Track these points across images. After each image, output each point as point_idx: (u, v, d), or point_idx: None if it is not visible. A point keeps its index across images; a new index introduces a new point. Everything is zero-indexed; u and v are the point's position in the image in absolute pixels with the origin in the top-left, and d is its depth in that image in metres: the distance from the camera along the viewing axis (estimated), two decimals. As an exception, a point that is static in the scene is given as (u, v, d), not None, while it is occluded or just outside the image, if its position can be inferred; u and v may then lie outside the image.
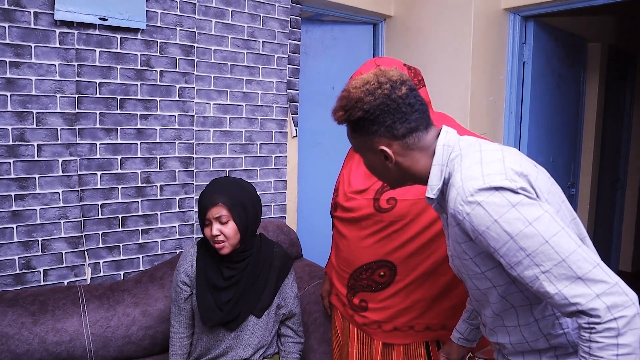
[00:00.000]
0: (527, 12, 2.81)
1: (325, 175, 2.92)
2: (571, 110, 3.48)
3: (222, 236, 1.68)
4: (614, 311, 0.83)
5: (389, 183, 1.17)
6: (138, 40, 2.19)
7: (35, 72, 1.98)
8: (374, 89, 1.03)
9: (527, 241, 0.88)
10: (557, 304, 0.88)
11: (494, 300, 1.06)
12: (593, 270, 0.85)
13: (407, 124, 1.03)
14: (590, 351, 0.85)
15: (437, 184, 1.05)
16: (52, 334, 1.88)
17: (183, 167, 2.37)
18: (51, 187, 2.06)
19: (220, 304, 1.74)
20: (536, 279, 0.89)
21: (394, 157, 1.06)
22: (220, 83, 2.46)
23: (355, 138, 1.10)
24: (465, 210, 0.93)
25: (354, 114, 1.04)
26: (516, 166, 0.95)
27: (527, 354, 1.09)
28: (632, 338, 0.83)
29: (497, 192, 0.90)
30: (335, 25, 3.12)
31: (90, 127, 2.12)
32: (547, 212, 0.90)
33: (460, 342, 1.43)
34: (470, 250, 1.01)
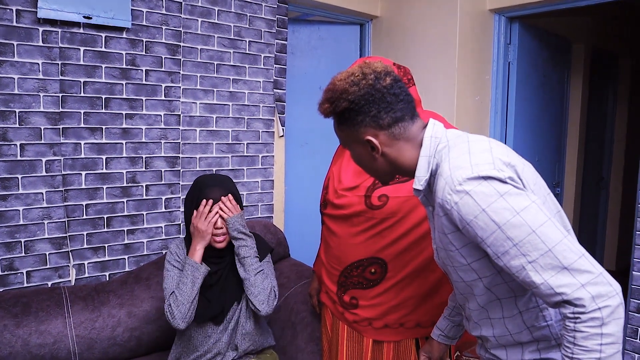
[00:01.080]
0: (512, 13, 2.84)
1: (313, 175, 2.92)
2: (556, 111, 3.52)
3: (225, 228, 1.74)
4: (598, 301, 0.84)
5: (377, 176, 1.17)
6: (123, 39, 2.17)
7: (18, 71, 1.95)
8: (359, 80, 1.03)
9: (515, 231, 0.89)
10: (542, 294, 0.89)
11: (479, 292, 1.07)
12: (578, 261, 0.86)
13: (392, 113, 1.04)
14: (574, 341, 0.86)
15: (424, 175, 1.05)
16: (35, 336, 1.85)
17: (169, 167, 2.36)
18: (34, 187, 2.03)
19: (210, 298, 1.76)
20: (522, 268, 0.89)
21: (380, 147, 1.06)
22: (207, 82, 2.45)
23: (342, 130, 1.11)
24: (453, 199, 0.93)
25: (340, 105, 1.04)
26: (504, 156, 0.96)
27: (510, 347, 1.09)
28: (615, 328, 0.84)
29: (485, 181, 0.91)
30: (322, 26, 3.12)
31: (74, 126, 2.10)
32: (534, 202, 0.91)
33: (441, 340, 1.43)
34: (457, 241, 1.01)
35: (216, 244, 1.75)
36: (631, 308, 2.36)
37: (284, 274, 2.29)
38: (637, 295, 2.34)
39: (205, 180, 1.81)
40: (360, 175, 1.63)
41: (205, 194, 1.74)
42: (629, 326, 2.37)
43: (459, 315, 1.40)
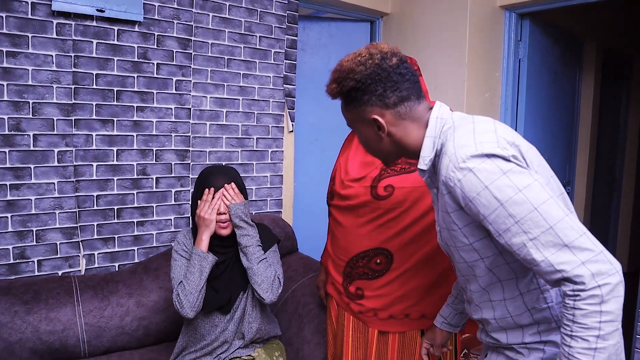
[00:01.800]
0: (522, 10, 2.83)
1: (322, 171, 2.92)
2: (567, 109, 3.49)
3: (228, 214, 1.75)
4: (598, 279, 0.84)
5: (383, 158, 1.17)
6: (135, 32, 2.20)
7: (32, 62, 1.99)
8: (365, 59, 1.05)
9: (517, 208, 0.89)
10: (543, 271, 0.89)
11: (480, 273, 1.07)
12: (579, 239, 0.87)
13: (398, 92, 1.05)
14: (574, 318, 0.87)
15: (429, 155, 1.06)
16: (45, 323, 1.88)
17: (179, 160, 2.38)
18: (46, 177, 2.06)
19: (216, 289, 1.77)
20: (523, 246, 0.90)
21: (386, 126, 1.07)
22: (217, 77, 2.47)
23: (348, 111, 1.12)
24: (456, 176, 0.94)
25: (346, 84, 1.06)
26: (508, 136, 0.97)
27: (510, 330, 1.09)
28: (615, 305, 0.85)
29: (489, 159, 0.92)
30: (332, 23, 3.14)
31: (86, 118, 2.13)
32: (537, 180, 0.91)
33: (444, 327, 1.44)
34: (460, 220, 1.01)
35: (220, 230, 1.76)
36: (642, 306, 2.33)
37: (292, 267, 2.30)
38: (647, 293, 2.32)
39: (209, 169, 1.83)
40: (367, 166, 1.63)
41: (209, 182, 1.76)
42: (639, 324, 2.34)
43: (462, 303, 1.40)
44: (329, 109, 3.10)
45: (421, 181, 1.55)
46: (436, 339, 1.45)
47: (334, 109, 3.04)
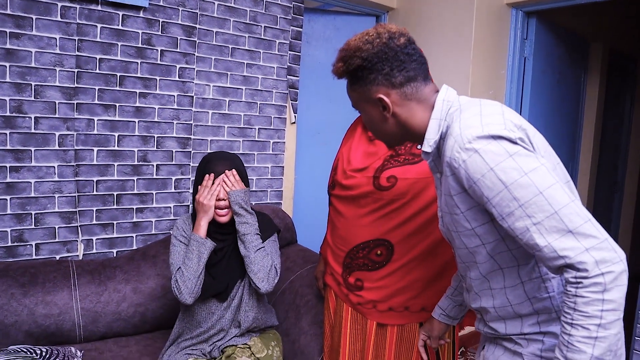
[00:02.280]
0: (529, 8, 2.81)
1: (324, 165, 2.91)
2: (571, 109, 3.48)
3: (227, 201, 1.74)
4: (602, 266, 0.83)
5: (387, 139, 1.16)
6: (140, 18, 2.19)
7: (36, 45, 1.98)
8: (372, 38, 1.04)
9: (521, 191, 0.88)
10: (545, 257, 0.88)
11: (481, 259, 1.05)
12: (584, 225, 0.85)
13: (405, 72, 1.04)
14: (575, 306, 0.85)
15: (434, 137, 1.05)
16: (41, 306, 1.87)
17: (180, 148, 2.37)
18: (47, 160, 2.05)
19: (213, 276, 1.77)
20: (527, 230, 0.88)
21: (391, 106, 1.06)
22: (221, 65, 2.46)
23: (354, 90, 1.11)
24: (461, 157, 0.93)
25: (353, 62, 1.05)
26: (515, 119, 0.96)
27: (509, 319, 1.08)
28: (617, 294, 0.83)
29: (495, 140, 0.90)
30: (337, 16, 3.12)
31: (88, 102, 2.12)
32: (543, 165, 0.90)
33: (442, 319, 1.42)
34: (462, 203, 1.00)
35: (219, 217, 1.75)
36: (641, 307, 2.32)
37: (291, 259, 2.29)
38: (647, 295, 2.30)
39: (211, 155, 1.82)
40: (370, 156, 1.62)
41: (209, 168, 1.75)
42: (638, 326, 2.33)
43: (461, 295, 1.38)
44: (332, 103, 3.09)
45: (424, 173, 1.53)
46: (433, 331, 1.44)
47: (337, 103, 3.05)
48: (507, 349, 1.10)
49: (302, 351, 1.89)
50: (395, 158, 1.56)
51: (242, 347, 1.82)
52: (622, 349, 0.99)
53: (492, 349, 1.15)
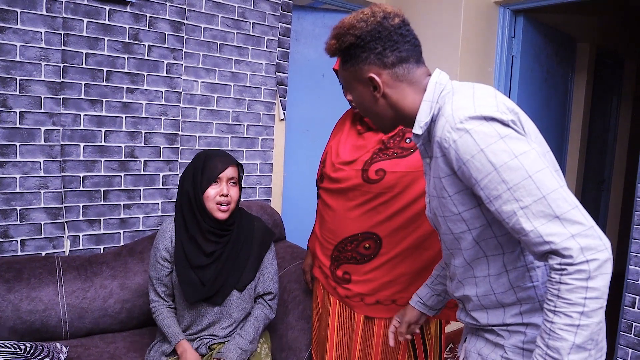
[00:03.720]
0: (516, 6, 2.83)
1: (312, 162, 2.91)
2: (558, 108, 3.51)
3: (230, 197, 1.72)
4: (587, 253, 0.82)
5: (378, 121, 1.15)
6: (127, 13, 2.18)
7: (21, 39, 1.96)
8: (367, 17, 1.03)
9: (511, 174, 0.87)
10: (530, 242, 0.87)
11: (466, 246, 1.05)
12: (571, 211, 0.85)
13: (397, 52, 1.03)
14: (558, 293, 0.84)
15: (424, 119, 1.03)
16: (26, 302, 1.85)
17: (168, 144, 2.36)
18: (32, 155, 2.04)
19: (203, 280, 1.73)
20: (514, 214, 0.88)
21: (382, 86, 1.05)
22: (209, 61, 2.45)
23: (345, 70, 1.10)
24: (452, 137, 0.92)
25: (345, 40, 1.04)
26: (508, 103, 0.95)
27: (492, 309, 1.07)
28: (601, 282, 0.83)
29: (487, 122, 0.90)
30: (327, 13, 3.13)
31: (75, 97, 2.10)
32: (534, 149, 0.89)
33: (418, 307, 1.40)
34: (451, 186, 0.99)
35: (219, 212, 1.71)
36: (626, 302, 2.34)
37: (279, 255, 2.29)
38: (632, 290, 2.33)
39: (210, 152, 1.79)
40: (358, 149, 1.63)
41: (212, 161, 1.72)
42: (623, 320, 2.35)
43: (442, 285, 1.37)
44: (321, 100, 3.10)
45: (413, 166, 1.54)
46: (405, 315, 1.42)
47: (325, 100, 3.05)
48: (489, 341, 1.09)
49: (290, 346, 1.89)
50: (384, 151, 1.57)
51: (229, 344, 1.81)
52: (603, 341, 0.98)
53: (473, 340, 1.15)
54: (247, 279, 1.80)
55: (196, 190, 1.71)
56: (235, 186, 1.76)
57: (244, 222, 1.84)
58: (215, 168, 1.71)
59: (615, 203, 4.69)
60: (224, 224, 1.75)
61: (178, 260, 1.74)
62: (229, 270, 1.76)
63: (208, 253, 1.73)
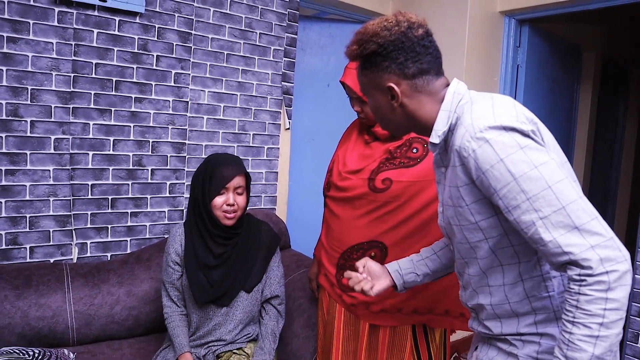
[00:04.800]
0: (522, 16, 2.85)
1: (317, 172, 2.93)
2: (564, 117, 3.51)
3: (236, 206, 1.74)
4: (606, 264, 0.83)
5: (391, 128, 1.16)
6: (136, 23, 2.22)
7: (32, 49, 2.00)
8: (391, 25, 1.03)
9: (530, 184, 0.87)
10: (549, 252, 0.87)
11: (482, 255, 1.04)
12: (591, 222, 0.85)
13: (419, 64, 1.03)
14: (577, 304, 0.84)
15: (442, 128, 1.04)
16: (34, 309, 1.88)
17: (175, 153, 2.39)
18: (42, 164, 2.07)
19: (211, 281, 1.76)
20: (532, 224, 0.88)
21: (400, 96, 1.05)
22: (216, 71, 2.48)
23: (365, 75, 1.10)
24: (472, 146, 0.92)
25: (368, 47, 1.04)
26: (527, 113, 0.96)
27: (506, 318, 1.06)
28: (621, 294, 0.83)
29: (507, 132, 0.90)
30: (332, 23, 3.16)
31: (84, 106, 2.13)
32: (553, 159, 0.90)
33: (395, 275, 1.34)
34: (468, 195, 0.99)
35: (225, 220, 1.75)
36: (632, 312, 2.33)
37: (284, 263, 2.29)
38: (638, 299, 2.32)
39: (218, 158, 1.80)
40: (365, 158, 1.64)
41: (218, 169, 1.74)
42: (630, 330, 2.34)
43: (425, 267, 1.35)
44: (327, 110, 3.12)
45: (419, 176, 1.55)
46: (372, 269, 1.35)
47: (331, 110, 3.08)
48: (502, 350, 1.08)
49: (295, 354, 1.89)
50: (390, 161, 1.58)
51: (237, 352, 1.82)
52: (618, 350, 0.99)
53: (485, 349, 1.14)
54: (255, 280, 1.83)
55: (204, 198, 1.74)
56: (243, 194, 1.78)
57: (251, 226, 1.88)
58: (223, 177, 1.73)
59: (622, 212, 4.66)
60: (231, 229, 1.79)
61: (188, 261, 1.78)
62: (237, 272, 1.80)
63: (216, 254, 1.77)
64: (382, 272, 1.36)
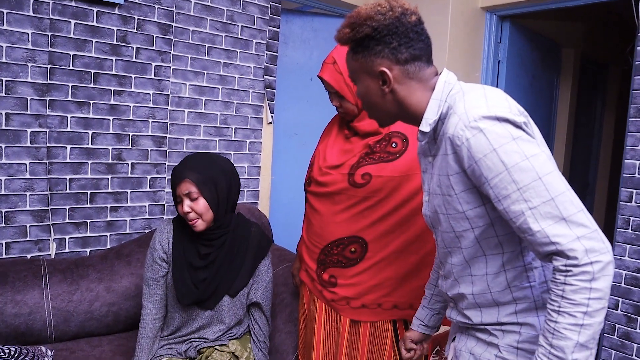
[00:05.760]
0: (503, 12, 2.87)
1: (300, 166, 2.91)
2: (544, 113, 3.56)
3: (194, 213, 1.64)
4: (591, 255, 0.85)
5: (379, 115, 1.15)
6: (115, 15, 2.17)
7: (7, 40, 1.95)
8: (385, 10, 1.03)
9: (521, 175, 0.89)
10: (536, 242, 0.89)
11: (467, 244, 1.05)
12: (577, 214, 0.87)
13: (412, 50, 1.03)
14: (563, 294, 0.87)
15: (433, 116, 1.04)
16: (10, 306, 1.84)
17: (156, 146, 2.35)
18: (18, 157, 2.02)
19: (196, 282, 1.71)
20: (522, 214, 0.90)
21: (392, 82, 1.05)
22: (197, 64, 2.45)
23: (356, 60, 1.09)
24: (465, 135, 0.93)
25: (361, 30, 1.03)
26: (518, 106, 0.97)
27: (486, 307, 1.08)
28: (604, 284, 0.85)
29: (500, 123, 0.92)
30: (315, 17, 3.14)
31: (61, 99, 2.09)
32: (544, 152, 0.92)
33: (421, 329, 1.42)
34: (458, 184, 1.00)
35: (193, 227, 1.67)
36: (609, 305, 2.38)
37: (266, 258, 2.29)
38: (615, 292, 2.37)
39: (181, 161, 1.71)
40: (345, 153, 1.63)
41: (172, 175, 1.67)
42: (606, 322, 2.39)
43: (438, 303, 1.39)
44: (309, 104, 3.10)
45: (399, 171, 1.55)
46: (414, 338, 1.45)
47: (314, 104, 3.06)
48: (481, 340, 1.10)
49: (277, 349, 1.89)
50: (370, 156, 1.58)
51: (219, 349, 1.80)
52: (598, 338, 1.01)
53: (463, 339, 1.15)
54: (240, 285, 1.77)
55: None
56: (198, 198, 1.64)
57: (240, 228, 1.80)
58: (173, 185, 1.67)
59: (600, 207, 4.75)
60: (210, 232, 1.71)
61: (175, 258, 1.72)
62: (223, 274, 1.74)
63: (202, 255, 1.72)
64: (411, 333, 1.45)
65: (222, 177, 1.70)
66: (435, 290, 1.39)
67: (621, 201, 2.38)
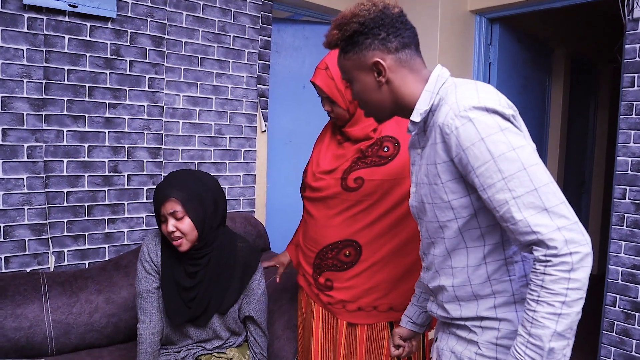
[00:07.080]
0: (492, 15, 2.91)
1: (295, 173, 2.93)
2: (537, 114, 3.58)
3: (179, 232, 1.61)
4: (570, 246, 0.88)
5: (376, 111, 1.17)
6: (108, 29, 2.20)
7: (2, 56, 1.97)
8: (369, 7, 1.07)
9: (507, 164, 0.92)
10: (518, 230, 0.92)
11: (450, 235, 1.08)
12: (559, 205, 0.90)
13: (400, 38, 1.07)
14: (542, 284, 0.89)
15: (424, 107, 1.07)
16: (11, 320, 1.85)
17: (151, 158, 2.37)
18: (15, 172, 2.04)
19: (187, 301, 1.71)
20: (505, 203, 0.92)
21: (387, 71, 1.08)
22: (190, 75, 2.48)
23: (348, 59, 1.12)
24: (455, 123, 0.96)
25: (349, 28, 1.07)
26: (508, 100, 1.01)
27: (465, 301, 1.10)
28: (582, 274, 0.88)
29: (489, 113, 0.95)
30: (307, 26, 3.17)
31: (57, 113, 2.11)
32: (530, 144, 0.95)
33: (409, 326, 1.43)
34: (445, 173, 1.03)
35: (177, 247, 1.65)
36: (607, 302, 2.39)
37: (264, 265, 2.30)
38: (612, 289, 2.38)
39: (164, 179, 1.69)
40: (338, 158, 1.66)
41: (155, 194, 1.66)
42: (605, 320, 2.40)
43: (427, 301, 1.39)
44: (303, 111, 3.13)
45: (391, 174, 1.57)
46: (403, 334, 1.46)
47: (307, 111, 3.09)
48: (461, 338, 1.12)
49: (277, 355, 1.90)
50: (362, 160, 1.60)
51: (217, 356, 1.81)
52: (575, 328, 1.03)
53: (445, 338, 1.17)
54: (229, 301, 1.75)
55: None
56: (183, 218, 1.61)
57: (225, 244, 1.76)
58: (156, 204, 1.64)
59: (596, 205, 4.77)
60: (192, 251, 1.69)
61: (164, 277, 1.71)
62: (212, 292, 1.72)
63: (190, 273, 1.70)
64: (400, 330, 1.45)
65: (208, 196, 1.68)
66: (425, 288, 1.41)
67: (615, 198, 2.40)
